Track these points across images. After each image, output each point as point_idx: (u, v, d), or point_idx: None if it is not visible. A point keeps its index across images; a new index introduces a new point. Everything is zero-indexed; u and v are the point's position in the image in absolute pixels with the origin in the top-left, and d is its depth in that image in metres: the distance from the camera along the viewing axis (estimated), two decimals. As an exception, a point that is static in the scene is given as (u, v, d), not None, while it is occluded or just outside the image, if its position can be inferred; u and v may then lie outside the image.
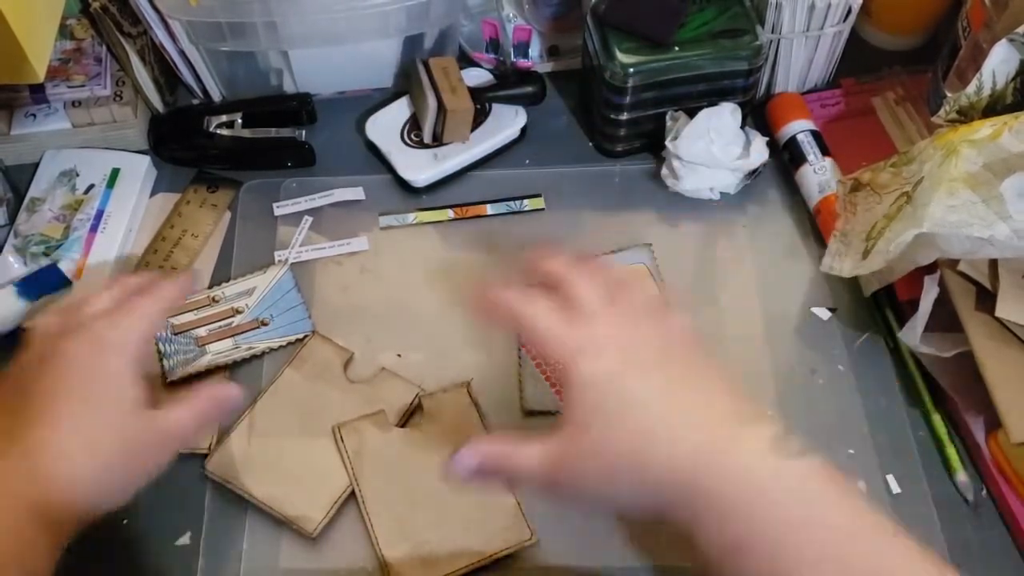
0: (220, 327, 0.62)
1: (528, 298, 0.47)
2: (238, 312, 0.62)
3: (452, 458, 0.46)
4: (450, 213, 0.69)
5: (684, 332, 0.47)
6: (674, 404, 0.43)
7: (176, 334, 0.61)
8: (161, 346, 0.60)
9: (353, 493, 0.55)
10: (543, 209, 0.69)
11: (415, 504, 0.55)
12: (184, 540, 0.55)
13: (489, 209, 0.69)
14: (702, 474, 0.41)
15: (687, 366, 0.45)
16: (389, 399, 0.59)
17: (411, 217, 0.69)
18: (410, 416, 0.59)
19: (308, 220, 0.68)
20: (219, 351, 0.61)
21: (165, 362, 0.60)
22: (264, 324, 0.62)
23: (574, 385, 0.43)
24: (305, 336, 0.62)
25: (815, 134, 0.70)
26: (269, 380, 0.60)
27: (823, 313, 0.64)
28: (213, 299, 0.62)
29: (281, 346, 0.62)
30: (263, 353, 0.61)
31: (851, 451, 0.58)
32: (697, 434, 0.42)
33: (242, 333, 0.62)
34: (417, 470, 0.56)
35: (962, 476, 0.57)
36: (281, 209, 0.69)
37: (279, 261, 0.66)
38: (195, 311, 0.62)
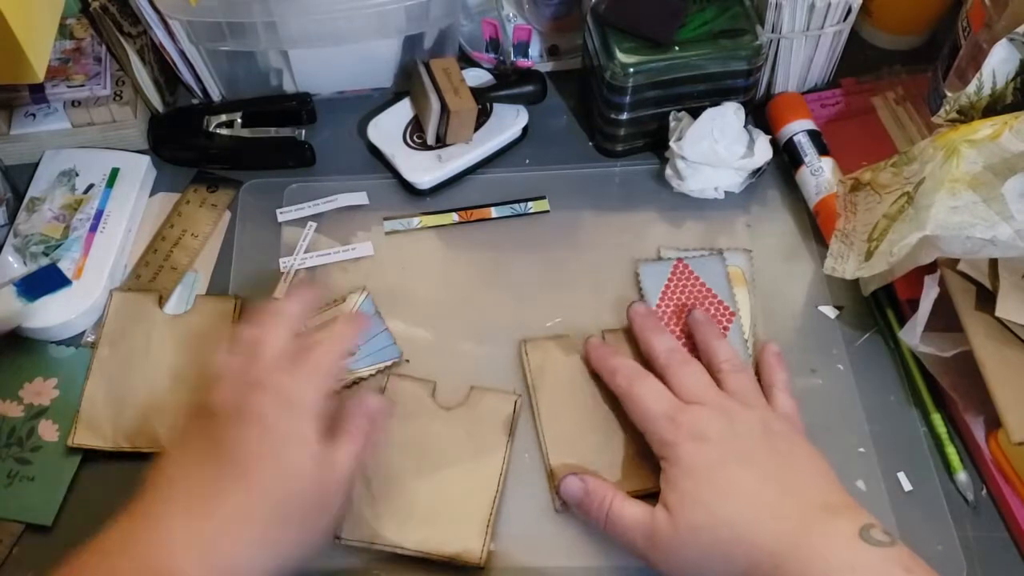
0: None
1: (640, 375, 0.53)
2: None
3: (562, 478, 0.52)
4: (454, 217, 0.69)
5: (785, 420, 0.52)
6: (767, 494, 0.46)
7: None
8: None
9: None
10: (548, 211, 0.69)
11: (585, 427, 0.57)
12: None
13: (494, 212, 0.69)
14: (788, 557, 0.43)
15: (783, 454, 0.49)
16: (491, 415, 0.58)
17: (415, 221, 0.69)
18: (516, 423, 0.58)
19: (312, 226, 0.68)
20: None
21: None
22: (351, 354, 0.60)
23: (675, 469, 0.48)
24: (394, 363, 0.61)
25: (814, 134, 0.70)
26: None
27: (830, 311, 0.64)
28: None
29: (371, 375, 0.60)
30: (354, 383, 0.60)
31: (862, 449, 0.58)
32: (785, 522, 0.45)
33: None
34: (591, 396, 0.59)
35: (962, 476, 0.57)
36: (284, 215, 0.69)
37: (282, 269, 0.66)
38: None
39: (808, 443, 0.50)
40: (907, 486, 0.57)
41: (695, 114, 0.67)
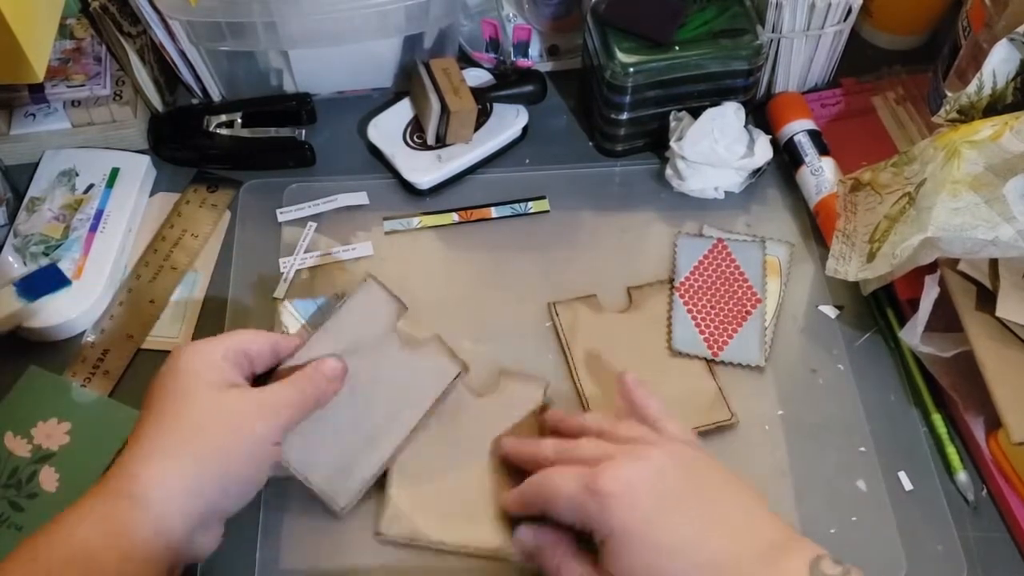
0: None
1: (543, 475, 0.49)
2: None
3: (517, 528, 0.51)
4: (454, 217, 0.69)
5: (691, 445, 0.50)
6: (711, 543, 0.44)
7: None
8: None
9: None
10: (548, 211, 0.69)
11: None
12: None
13: (494, 212, 0.69)
14: None
15: (713, 489, 0.47)
16: (521, 401, 0.58)
17: (415, 221, 0.69)
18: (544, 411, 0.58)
19: (312, 226, 0.68)
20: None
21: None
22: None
23: (612, 540, 0.45)
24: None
25: (814, 134, 0.70)
26: None
27: (830, 311, 0.64)
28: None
29: None
30: None
31: (862, 449, 0.58)
32: (735, 569, 0.43)
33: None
34: (622, 349, 0.61)
35: (962, 475, 0.57)
36: (284, 215, 0.69)
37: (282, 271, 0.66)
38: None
39: (724, 468, 0.48)
40: (908, 486, 0.57)
41: (695, 114, 0.67)
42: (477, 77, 0.74)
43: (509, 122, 0.72)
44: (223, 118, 0.72)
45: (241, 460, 0.47)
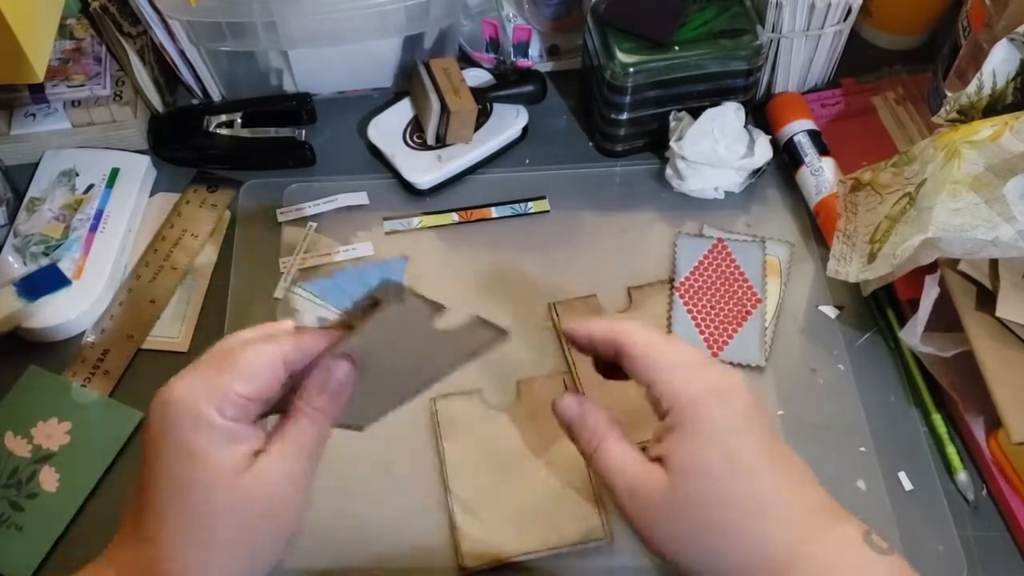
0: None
1: (642, 325, 0.43)
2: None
3: (560, 397, 0.44)
4: (454, 217, 0.69)
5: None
6: (779, 484, 0.40)
7: None
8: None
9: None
10: (548, 211, 0.69)
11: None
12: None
13: (494, 212, 0.69)
14: (799, 557, 0.38)
15: (784, 448, 0.42)
16: (547, 399, 0.54)
17: (415, 221, 0.69)
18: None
19: (312, 226, 0.68)
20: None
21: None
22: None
23: (688, 428, 0.39)
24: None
25: (814, 134, 0.70)
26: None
27: (830, 311, 0.64)
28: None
29: None
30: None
31: (862, 449, 0.58)
32: (798, 518, 0.39)
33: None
34: None
35: (963, 475, 0.57)
36: (284, 215, 0.69)
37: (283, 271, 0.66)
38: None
39: None
40: (908, 486, 0.57)
41: (695, 114, 0.67)
42: (477, 77, 0.74)
43: (509, 122, 0.72)
44: (223, 118, 0.72)
45: (277, 546, 0.39)
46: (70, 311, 0.63)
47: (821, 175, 0.67)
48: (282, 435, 0.40)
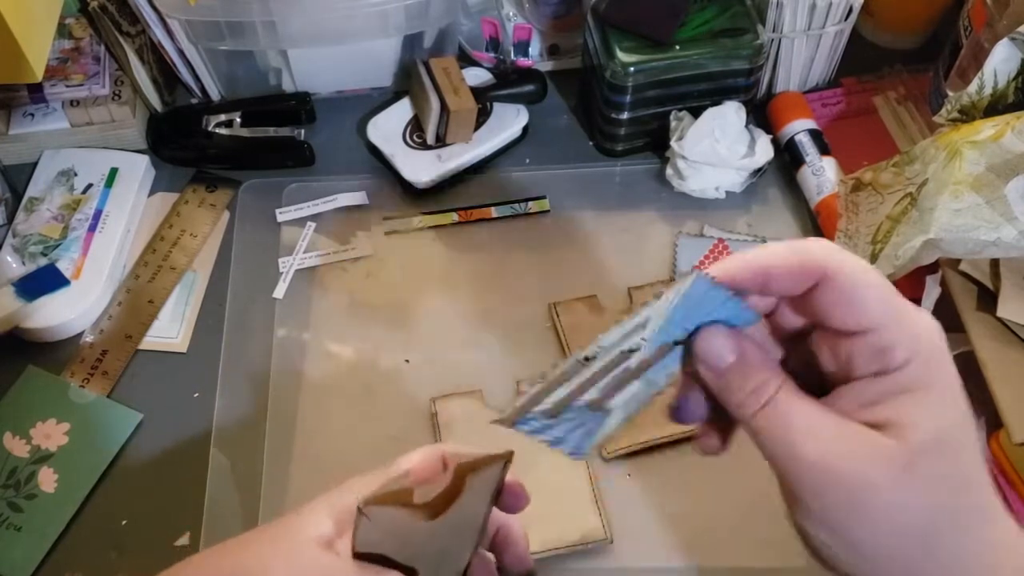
0: (614, 378, 0.34)
1: (821, 242, 0.31)
2: (633, 351, 0.34)
3: (704, 330, 0.32)
4: (454, 216, 0.69)
5: None
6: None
7: (554, 417, 0.35)
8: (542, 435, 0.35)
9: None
10: (548, 211, 0.69)
11: None
12: (183, 541, 0.55)
13: (494, 212, 0.69)
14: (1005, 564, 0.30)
15: None
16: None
17: (415, 221, 0.69)
18: None
19: (312, 226, 0.68)
20: (629, 398, 0.35)
21: (564, 447, 0.35)
22: (679, 344, 0.34)
23: (938, 385, 0.30)
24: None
25: (815, 134, 0.69)
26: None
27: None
28: (585, 359, 0.34)
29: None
30: None
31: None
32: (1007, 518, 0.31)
33: (652, 366, 0.34)
34: None
35: (964, 476, 0.56)
36: (284, 215, 0.69)
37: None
38: (563, 384, 0.34)
39: None
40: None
41: (696, 113, 0.67)
42: (477, 76, 0.74)
43: (509, 122, 0.71)
44: (222, 118, 0.72)
45: None
46: (68, 311, 0.63)
47: (822, 175, 0.67)
48: None
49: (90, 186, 0.69)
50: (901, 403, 0.29)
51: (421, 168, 0.69)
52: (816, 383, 0.32)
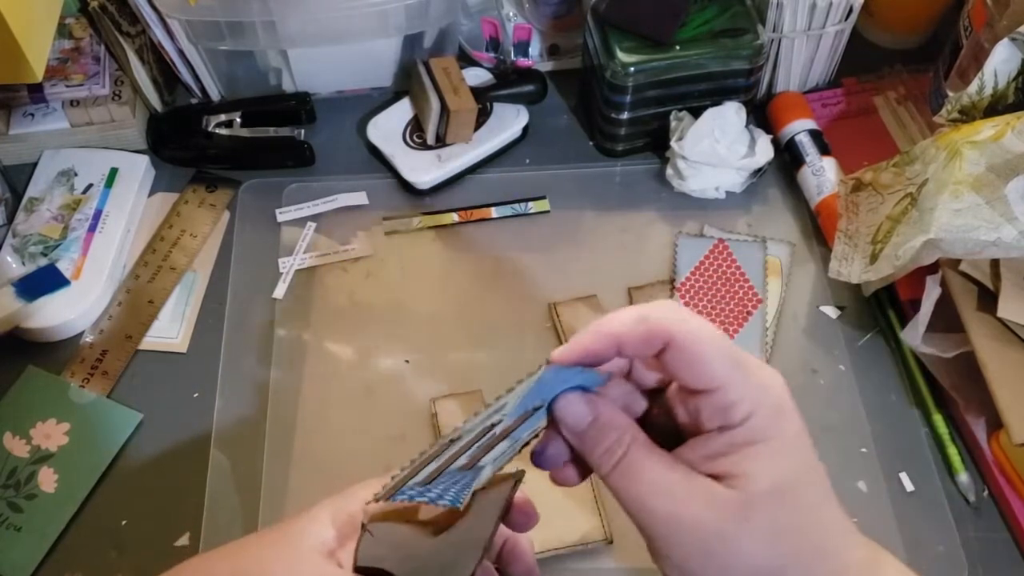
0: (480, 446, 0.36)
1: (684, 310, 0.33)
2: (495, 424, 0.36)
3: (561, 396, 0.34)
4: (454, 217, 0.69)
5: None
6: (835, 500, 0.33)
7: (428, 484, 0.36)
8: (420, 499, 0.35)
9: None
10: (548, 211, 0.69)
11: None
12: (183, 541, 0.55)
13: (494, 212, 0.69)
14: None
15: None
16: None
17: (415, 221, 0.69)
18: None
19: (312, 226, 0.68)
20: (499, 455, 0.37)
21: (442, 501, 0.35)
22: (539, 408, 0.36)
23: (777, 437, 0.32)
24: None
25: (815, 134, 0.69)
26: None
27: (832, 312, 0.64)
28: (451, 441, 0.36)
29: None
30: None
31: (863, 450, 0.58)
32: (863, 547, 0.34)
33: (516, 429, 0.37)
34: None
35: (964, 476, 0.56)
36: (284, 215, 0.69)
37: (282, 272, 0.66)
38: (433, 461, 0.35)
39: None
40: (909, 487, 0.56)
41: (696, 114, 0.67)
42: (477, 77, 0.74)
43: (509, 122, 0.71)
44: (222, 118, 0.72)
45: None
46: (68, 311, 0.63)
47: (822, 175, 0.67)
48: None
49: (90, 186, 0.69)
50: (742, 456, 0.31)
51: (421, 168, 0.69)
52: (676, 433, 0.34)
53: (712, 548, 0.31)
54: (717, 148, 0.66)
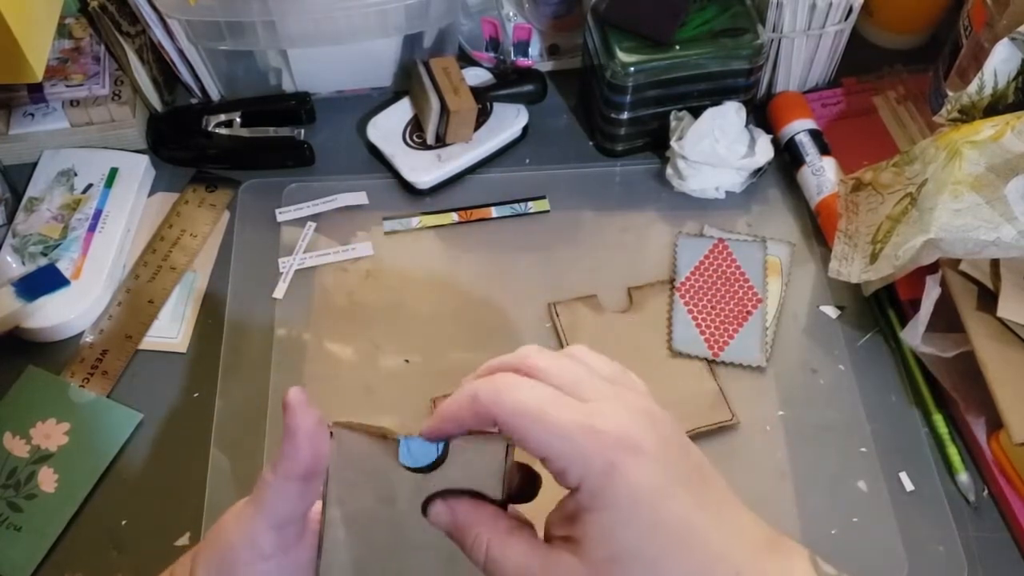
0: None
1: (512, 381, 0.34)
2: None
3: (431, 501, 0.36)
4: (454, 216, 0.69)
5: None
6: (714, 537, 0.33)
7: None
8: None
9: None
10: (548, 211, 0.69)
11: None
12: (183, 541, 0.55)
13: (494, 212, 0.69)
14: None
15: (701, 468, 0.35)
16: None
17: (415, 221, 0.69)
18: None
19: (312, 226, 0.68)
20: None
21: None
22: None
23: (606, 507, 0.32)
24: None
25: (815, 133, 0.69)
26: None
27: (832, 311, 0.64)
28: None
29: None
30: None
31: (863, 449, 0.58)
32: (749, 563, 0.33)
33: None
34: (622, 349, 0.61)
35: (964, 476, 0.56)
36: (284, 215, 0.69)
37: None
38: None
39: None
40: (909, 486, 0.56)
41: (696, 113, 0.67)
42: (477, 76, 0.74)
43: (509, 122, 0.71)
44: (222, 118, 0.72)
45: None
46: (68, 311, 0.63)
47: (822, 175, 0.67)
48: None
49: (90, 186, 0.69)
50: (585, 521, 0.32)
51: (421, 168, 0.69)
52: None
53: None
54: (717, 148, 0.66)
